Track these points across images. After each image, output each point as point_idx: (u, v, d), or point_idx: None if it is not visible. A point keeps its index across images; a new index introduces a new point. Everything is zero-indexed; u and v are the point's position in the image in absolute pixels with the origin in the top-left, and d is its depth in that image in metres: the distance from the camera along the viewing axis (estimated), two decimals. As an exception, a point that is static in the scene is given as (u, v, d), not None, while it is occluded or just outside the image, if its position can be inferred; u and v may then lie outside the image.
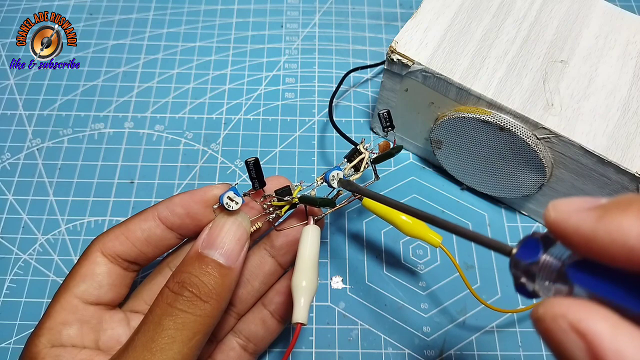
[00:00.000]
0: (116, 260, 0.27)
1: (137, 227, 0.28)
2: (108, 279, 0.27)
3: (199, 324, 0.24)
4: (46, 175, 0.40)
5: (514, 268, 0.17)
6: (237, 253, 0.26)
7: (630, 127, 0.32)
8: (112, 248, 0.27)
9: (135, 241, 0.27)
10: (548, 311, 0.15)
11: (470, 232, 0.20)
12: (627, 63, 0.34)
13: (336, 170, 0.29)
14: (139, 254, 0.28)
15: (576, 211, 0.15)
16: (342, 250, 0.38)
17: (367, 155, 0.30)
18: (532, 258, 0.17)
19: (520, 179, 0.36)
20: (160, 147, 0.42)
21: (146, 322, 0.24)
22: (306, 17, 0.50)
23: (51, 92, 0.44)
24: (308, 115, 0.44)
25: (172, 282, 0.25)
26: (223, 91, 0.45)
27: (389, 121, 0.32)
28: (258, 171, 0.28)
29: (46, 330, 0.25)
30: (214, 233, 0.26)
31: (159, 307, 0.24)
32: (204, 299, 0.24)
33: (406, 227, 0.32)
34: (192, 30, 0.48)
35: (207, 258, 0.25)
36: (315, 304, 0.36)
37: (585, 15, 0.36)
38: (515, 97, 0.33)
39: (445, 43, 0.35)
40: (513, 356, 0.34)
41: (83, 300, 0.26)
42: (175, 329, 0.23)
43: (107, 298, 0.27)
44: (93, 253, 0.27)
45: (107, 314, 0.27)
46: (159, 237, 0.28)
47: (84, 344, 0.26)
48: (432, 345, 0.35)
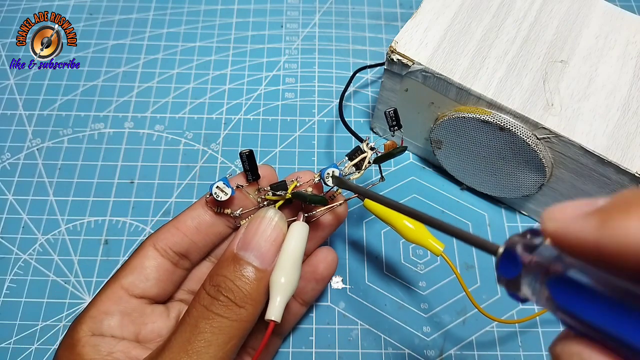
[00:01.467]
0: (167, 253, 0.28)
1: (187, 216, 0.28)
2: (156, 273, 0.27)
3: (235, 329, 0.24)
4: (46, 175, 0.40)
5: (498, 281, 0.17)
6: (273, 255, 0.25)
7: (630, 127, 0.32)
8: (164, 240, 0.28)
9: (186, 230, 0.28)
10: (565, 350, 0.15)
11: (455, 229, 0.20)
12: (627, 63, 0.34)
13: (332, 168, 0.28)
14: (190, 244, 0.28)
15: (574, 219, 0.14)
16: (342, 250, 0.38)
17: (370, 155, 0.30)
18: (511, 274, 0.16)
19: (520, 179, 0.36)
20: (160, 147, 0.42)
21: (183, 322, 0.24)
22: (306, 17, 0.50)
23: (51, 92, 0.44)
24: (308, 115, 0.44)
25: (209, 284, 0.25)
26: (223, 91, 0.45)
27: (395, 120, 0.31)
28: (252, 163, 0.28)
29: (89, 318, 0.26)
30: (250, 233, 0.26)
31: (196, 309, 0.24)
32: (239, 304, 0.24)
33: (408, 233, 0.31)
34: (192, 30, 0.48)
35: (242, 260, 0.25)
36: (315, 304, 0.36)
37: (585, 15, 0.36)
38: (515, 97, 0.33)
39: (445, 43, 0.35)
40: (513, 356, 0.34)
41: (129, 292, 0.27)
42: (212, 333, 0.23)
43: (153, 292, 0.27)
44: (146, 247, 0.28)
45: (149, 307, 0.27)
46: (208, 223, 0.28)
47: (123, 336, 0.26)
48: (432, 345, 0.35)
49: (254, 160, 0.28)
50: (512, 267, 0.16)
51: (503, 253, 0.17)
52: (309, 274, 0.31)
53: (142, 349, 0.26)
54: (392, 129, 0.31)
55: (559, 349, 0.15)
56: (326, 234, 0.31)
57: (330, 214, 0.30)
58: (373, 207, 0.32)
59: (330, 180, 0.28)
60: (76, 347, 0.25)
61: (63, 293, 0.36)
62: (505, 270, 0.17)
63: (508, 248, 0.17)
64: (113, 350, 0.25)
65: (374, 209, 0.32)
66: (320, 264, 0.31)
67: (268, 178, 0.29)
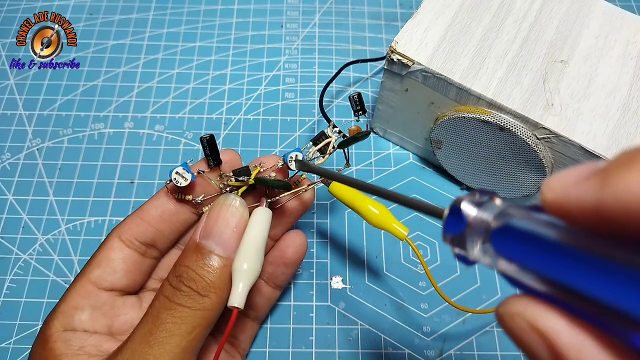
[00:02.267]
0: (133, 244, 0.27)
1: (150, 205, 0.28)
2: (123, 265, 0.27)
3: (199, 318, 0.24)
4: (46, 175, 0.40)
5: (443, 239, 0.17)
6: (235, 242, 0.25)
7: (630, 127, 0.32)
8: (129, 231, 0.27)
9: (150, 220, 0.28)
10: (507, 310, 0.14)
11: (404, 197, 0.20)
12: (627, 63, 0.34)
13: (295, 152, 0.28)
14: (155, 233, 0.28)
15: (575, 184, 0.13)
16: (342, 250, 0.38)
17: (334, 139, 0.30)
18: (456, 231, 0.16)
19: (520, 179, 0.36)
20: (160, 147, 0.42)
21: (147, 314, 0.24)
22: (306, 17, 0.50)
23: (51, 92, 0.44)
24: (308, 115, 0.44)
25: (172, 275, 0.25)
26: (223, 91, 0.45)
27: (359, 105, 0.31)
28: (213, 148, 0.27)
29: (60, 314, 0.26)
30: (211, 221, 0.25)
31: (159, 300, 0.24)
32: (202, 293, 0.24)
33: (373, 218, 0.31)
34: (192, 30, 0.48)
35: (204, 249, 0.25)
36: (315, 304, 0.36)
37: (585, 15, 0.36)
38: (515, 97, 0.33)
39: (445, 43, 0.35)
40: (513, 356, 0.34)
41: (97, 285, 0.27)
42: (174, 323, 0.23)
43: (122, 284, 0.27)
44: (111, 239, 0.27)
45: (120, 299, 0.27)
46: (172, 211, 0.28)
47: (95, 329, 0.26)
48: (432, 345, 0.35)
49: (215, 145, 0.27)
50: (457, 223, 0.16)
51: (449, 211, 0.16)
52: (278, 258, 0.31)
53: (114, 341, 0.25)
54: (357, 114, 0.31)
55: (501, 309, 0.15)
56: (293, 219, 0.31)
57: (296, 200, 0.30)
58: (338, 193, 0.32)
59: (294, 164, 0.28)
60: (48, 343, 0.25)
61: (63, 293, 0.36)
62: (451, 227, 0.16)
63: (454, 206, 0.16)
64: (84, 345, 0.25)
65: (339, 194, 0.32)
66: (289, 249, 0.31)
67: (231, 163, 0.29)
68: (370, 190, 0.22)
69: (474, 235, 0.16)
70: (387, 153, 0.42)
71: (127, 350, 0.23)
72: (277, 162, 0.29)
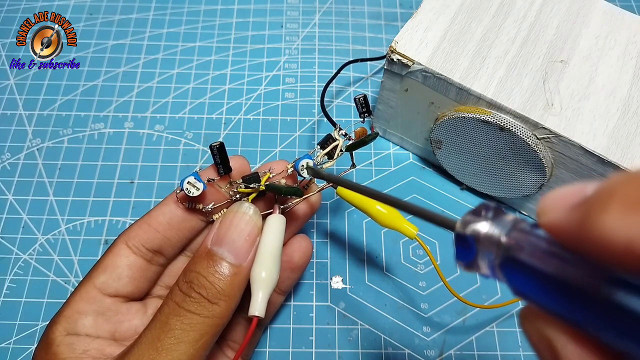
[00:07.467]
0: (140, 250, 0.27)
1: (158, 212, 0.28)
2: (128, 271, 0.27)
3: (207, 326, 0.24)
4: (46, 175, 0.40)
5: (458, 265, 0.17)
6: (247, 250, 0.25)
7: (630, 127, 0.32)
8: (136, 237, 0.27)
9: (157, 226, 0.27)
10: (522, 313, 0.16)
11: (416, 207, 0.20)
12: (627, 63, 0.34)
13: (306, 159, 0.28)
14: (162, 240, 0.28)
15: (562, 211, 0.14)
16: (342, 250, 0.38)
17: (342, 142, 0.30)
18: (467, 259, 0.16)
19: (520, 179, 0.36)
20: (160, 147, 0.42)
21: (155, 319, 0.24)
22: (306, 17, 0.50)
23: (51, 92, 0.44)
24: (308, 115, 0.44)
25: (182, 280, 0.25)
26: (223, 91, 0.45)
27: (365, 107, 0.31)
28: (223, 156, 0.27)
29: (63, 318, 0.26)
30: (223, 228, 0.25)
31: (168, 306, 0.24)
32: (212, 300, 0.24)
33: (381, 218, 0.31)
34: (192, 30, 0.48)
35: (215, 256, 0.25)
36: (315, 304, 0.36)
37: (585, 15, 0.36)
38: (515, 97, 0.33)
39: (445, 43, 0.35)
40: (513, 356, 0.34)
41: (102, 291, 0.26)
42: (182, 330, 0.23)
43: (127, 290, 0.27)
44: (117, 245, 0.27)
45: (124, 305, 0.27)
46: (180, 218, 0.28)
47: (98, 334, 0.26)
48: (432, 345, 0.35)
49: (225, 153, 0.27)
50: (467, 252, 0.16)
51: (456, 238, 0.17)
52: (285, 263, 0.31)
53: (117, 346, 0.25)
54: (362, 116, 0.31)
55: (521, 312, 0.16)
56: (300, 223, 0.31)
57: (304, 204, 0.30)
58: (346, 195, 0.32)
59: (306, 172, 0.28)
60: (52, 347, 0.25)
61: (63, 293, 0.36)
62: (461, 256, 0.17)
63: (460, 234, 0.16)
64: (88, 349, 0.25)
65: (347, 197, 0.32)
66: (295, 253, 0.31)
67: (240, 169, 0.28)
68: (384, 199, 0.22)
69: (485, 259, 0.16)
70: (387, 153, 0.42)
71: (133, 355, 0.23)
72: (287, 168, 0.29)
